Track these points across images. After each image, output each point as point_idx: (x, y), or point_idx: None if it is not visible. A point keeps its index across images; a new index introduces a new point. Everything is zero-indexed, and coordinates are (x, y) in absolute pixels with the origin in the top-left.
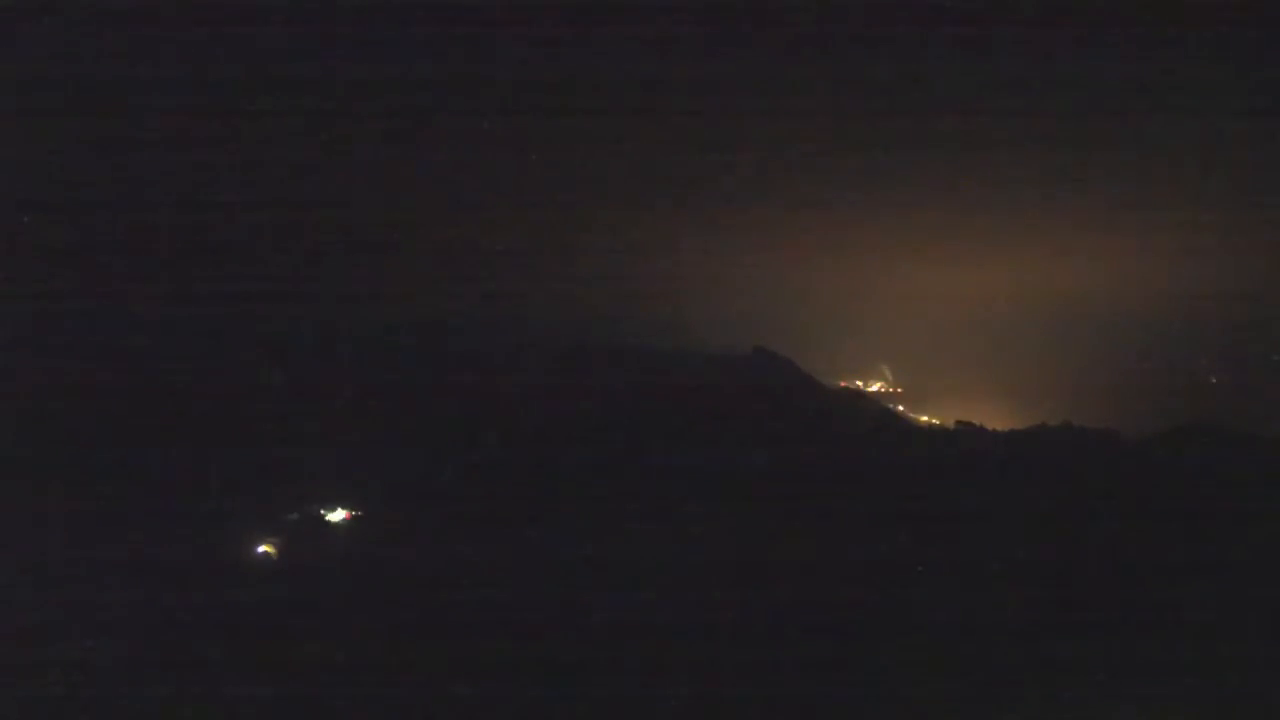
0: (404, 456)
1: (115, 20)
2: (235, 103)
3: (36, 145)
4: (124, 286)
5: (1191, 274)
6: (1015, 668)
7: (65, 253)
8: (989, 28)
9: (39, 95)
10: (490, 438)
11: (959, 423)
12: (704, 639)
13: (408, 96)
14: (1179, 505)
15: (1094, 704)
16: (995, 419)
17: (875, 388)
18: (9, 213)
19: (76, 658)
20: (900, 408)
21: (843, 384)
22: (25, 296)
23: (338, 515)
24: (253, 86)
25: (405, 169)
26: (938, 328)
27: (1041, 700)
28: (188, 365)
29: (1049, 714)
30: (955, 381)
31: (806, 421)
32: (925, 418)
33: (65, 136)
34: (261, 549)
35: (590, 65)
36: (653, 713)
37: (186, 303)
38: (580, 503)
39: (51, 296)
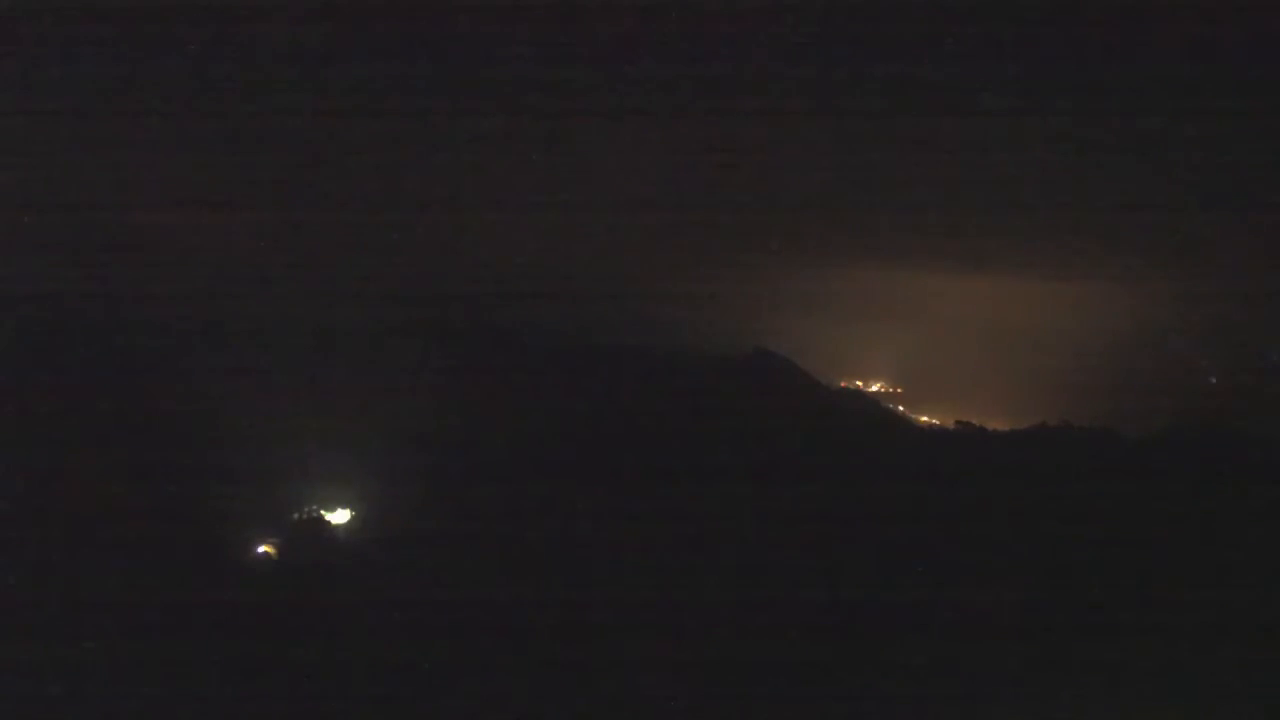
0: (404, 456)
1: (115, 20)
2: (235, 103)
3: (36, 145)
4: (123, 286)
5: (1191, 274)
6: (1015, 668)
7: (65, 253)
8: (989, 28)
9: (39, 95)
10: (490, 438)
11: (959, 423)
12: (704, 639)
13: (407, 96)
14: (1179, 505)
15: (1094, 704)
16: (995, 419)
17: (875, 388)
18: (9, 213)
19: (76, 658)
20: (900, 408)
21: (843, 384)
22: (25, 297)
23: (338, 515)
24: (253, 87)
25: (405, 168)
26: (938, 328)
27: (1041, 700)
28: (187, 365)
29: (1049, 714)
30: (955, 381)
31: (806, 421)
32: (925, 418)
33: (65, 136)
34: (261, 549)
35: (590, 65)
36: (653, 713)
37: (186, 302)
38: (579, 503)
39: (51, 296)
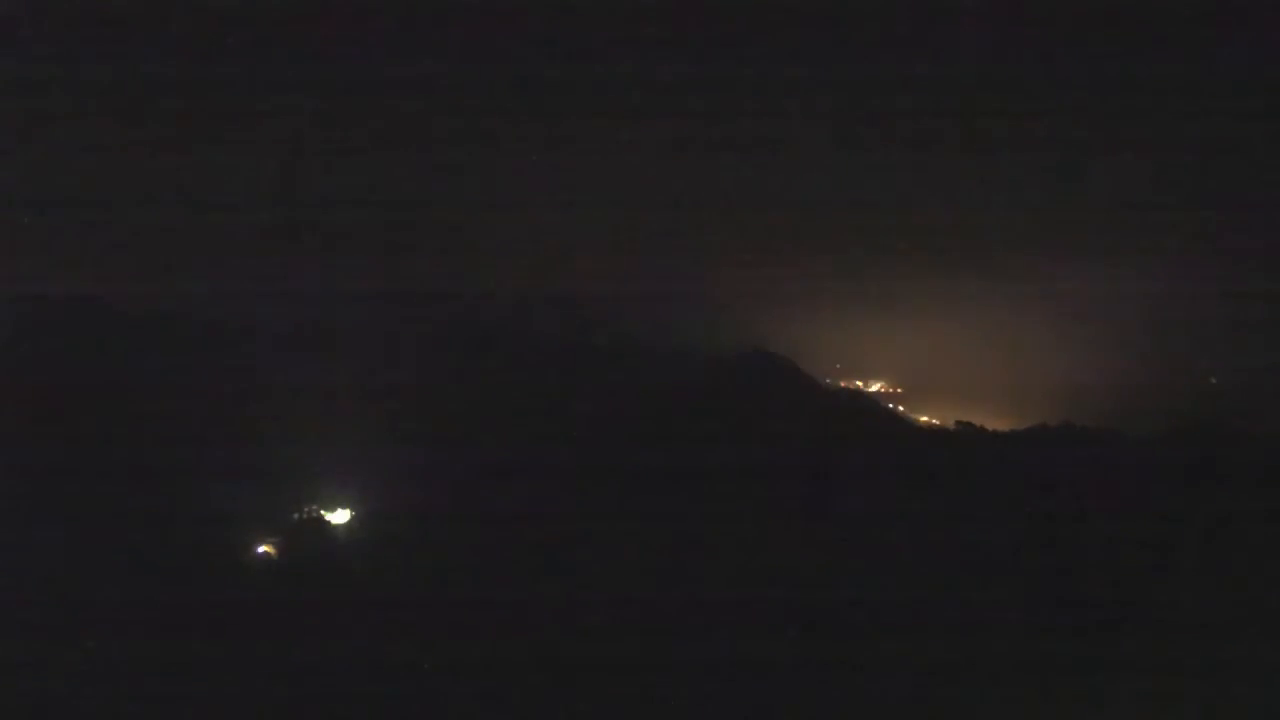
0: (404, 456)
1: (115, 20)
2: (235, 103)
3: (36, 145)
4: (123, 286)
5: (1192, 274)
6: (1015, 668)
7: (65, 252)
8: (990, 28)
9: (39, 95)
10: (490, 438)
11: (959, 423)
12: (704, 639)
13: (407, 96)
14: (1179, 505)
15: (1094, 704)
16: (995, 419)
17: (875, 388)
18: (9, 213)
19: (76, 658)
20: (900, 408)
21: (843, 384)
22: (25, 297)
23: (338, 515)
24: (253, 86)
25: (406, 168)
26: (938, 328)
27: (1041, 700)
28: (188, 364)
29: (1049, 714)
30: (955, 381)
31: (806, 421)
32: (925, 418)
33: (65, 136)
34: (261, 549)
35: (590, 65)
36: (653, 712)
37: (186, 301)
38: (580, 503)
39: (51, 297)
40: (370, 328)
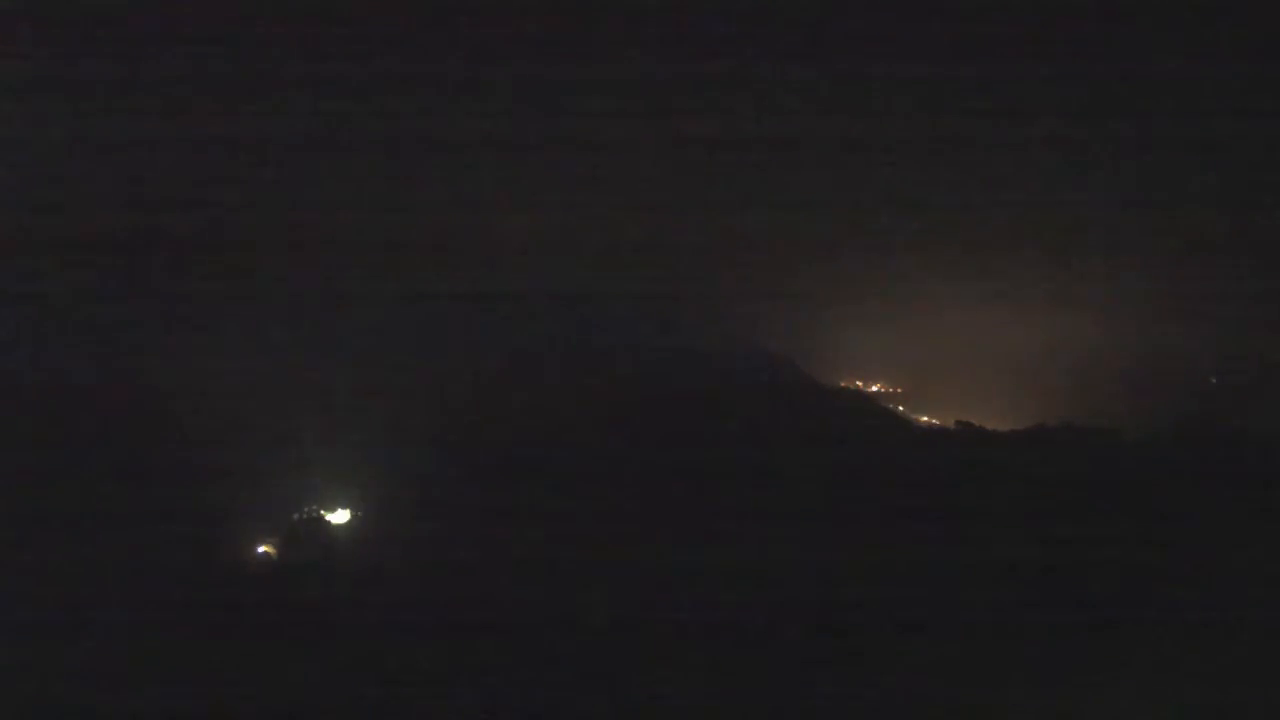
0: (404, 456)
1: (115, 20)
2: (236, 103)
3: (37, 145)
4: (123, 286)
5: (1191, 274)
6: (1015, 668)
7: (66, 252)
8: (988, 28)
9: (39, 95)
10: (490, 437)
11: (959, 423)
12: (704, 639)
13: (407, 96)
14: (1179, 505)
15: (1094, 704)
16: (995, 419)
17: (875, 388)
18: (9, 213)
19: (76, 658)
20: (900, 408)
21: (843, 384)
22: (25, 296)
23: (338, 515)
24: (253, 86)
25: (404, 168)
26: (938, 328)
27: (1041, 700)
28: (187, 365)
29: (1049, 714)
30: (955, 381)
31: (806, 421)
32: (925, 418)
33: (65, 136)
34: (261, 549)
35: (590, 65)
36: (653, 712)
37: (186, 302)
38: (580, 503)
39: (51, 296)
40: (370, 328)
